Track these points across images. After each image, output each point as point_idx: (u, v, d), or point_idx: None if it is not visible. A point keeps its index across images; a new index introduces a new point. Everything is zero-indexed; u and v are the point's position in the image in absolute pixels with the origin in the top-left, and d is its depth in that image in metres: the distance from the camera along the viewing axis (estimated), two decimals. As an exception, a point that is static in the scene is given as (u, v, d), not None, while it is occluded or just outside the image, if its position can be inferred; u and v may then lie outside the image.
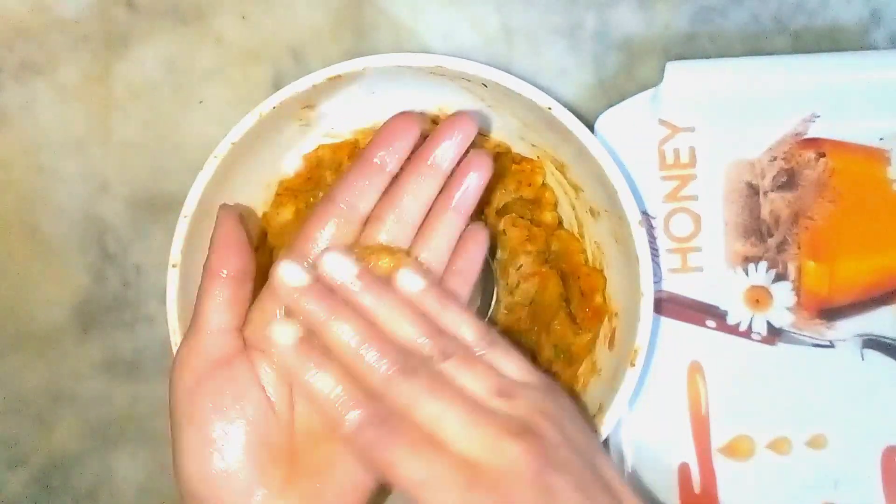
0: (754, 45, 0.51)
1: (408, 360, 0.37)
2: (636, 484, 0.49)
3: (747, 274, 0.50)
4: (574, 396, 0.47)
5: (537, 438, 0.36)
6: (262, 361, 0.40)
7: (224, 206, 0.43)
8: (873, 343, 0.49)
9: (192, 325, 0.40)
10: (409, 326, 0.38)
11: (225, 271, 0.41)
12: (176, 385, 0.39)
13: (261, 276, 0.50)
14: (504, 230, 0.49)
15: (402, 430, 0.35)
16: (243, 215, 0.43)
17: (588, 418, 0.44)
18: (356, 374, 0.37)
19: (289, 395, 0.40)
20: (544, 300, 0.49)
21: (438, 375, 0.37)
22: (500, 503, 0.34)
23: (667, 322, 0.49)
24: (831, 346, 0.49)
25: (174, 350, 0.45)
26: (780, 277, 0.50)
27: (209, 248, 0.42)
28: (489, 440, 0.35)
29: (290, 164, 0.49)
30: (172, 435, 0.39)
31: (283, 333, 0.37)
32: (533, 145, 0.48)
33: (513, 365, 0.39)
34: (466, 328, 0.39)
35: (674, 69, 0.48)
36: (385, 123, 0.43)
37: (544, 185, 0.50)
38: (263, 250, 0.50)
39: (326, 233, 0.42)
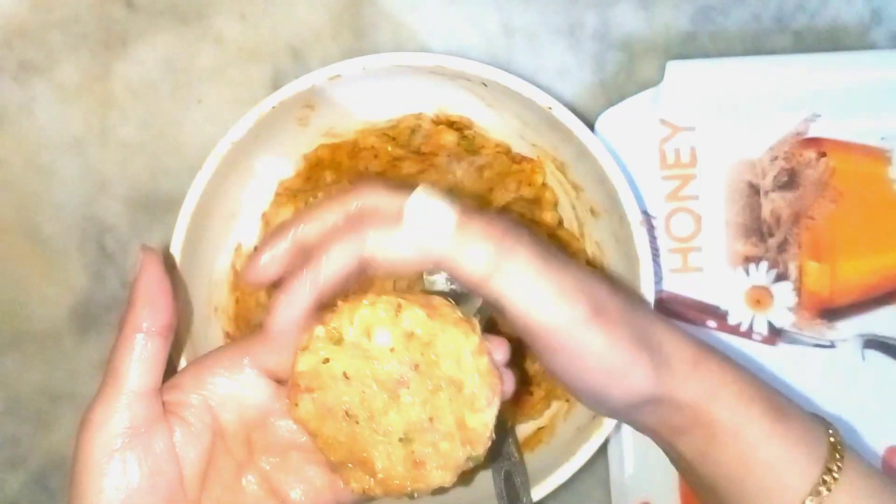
0: (755, 44, 0.51)
1: None
2: (637, 485, 0.49)
3: (748, 274, 0.50)
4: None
5: None
6: (181, 428, 0.37)
7: (146, 249, 0.38)
8: (874, 343, 0.49)
9: (106, 382, 0.36)
10: None
11: (147, 324, 0.37)
12: (86, 451, 0.36)
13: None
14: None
15: None
16: (167, 259, 0.39)
17: None
18: None
19: (203, 470, 0.37)
20: (544, 300, 0.49)
21: None
22: None
23: (667, 322, 0.49)
24: (832, 346, 0.49)
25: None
26: (781, 277, 0.50)
27: (129, 296, 0.37)
28: None
29: (290, 163, 0.49)
30: (72, 494, 0.36)
31: None
32: (533, 145, 0.48)
33: None
34: None
35: (674, 69, 0.48)
36: None
37: (544, 184, 0.50)
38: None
39: None
